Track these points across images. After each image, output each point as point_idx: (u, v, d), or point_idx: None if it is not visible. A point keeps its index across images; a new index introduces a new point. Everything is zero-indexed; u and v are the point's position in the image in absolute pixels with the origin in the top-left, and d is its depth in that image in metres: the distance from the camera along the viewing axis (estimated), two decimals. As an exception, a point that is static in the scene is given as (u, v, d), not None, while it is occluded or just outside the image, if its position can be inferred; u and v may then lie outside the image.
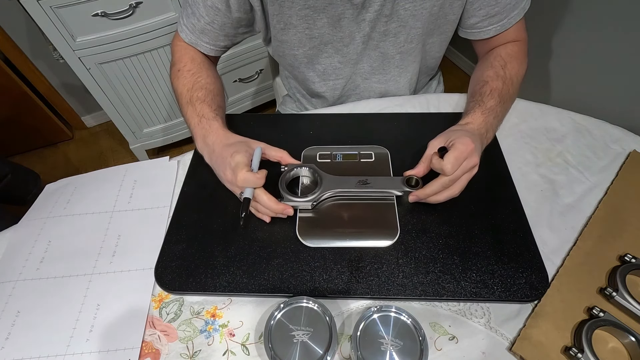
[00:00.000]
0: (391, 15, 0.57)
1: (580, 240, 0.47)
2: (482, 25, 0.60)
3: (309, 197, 0.49)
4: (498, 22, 0.59)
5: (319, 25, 0.58)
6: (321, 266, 0.45)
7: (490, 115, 0.54)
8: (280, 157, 0.52)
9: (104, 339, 0.43)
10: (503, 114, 0.57)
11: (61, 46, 1.12)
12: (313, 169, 0.52)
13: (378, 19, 0.57)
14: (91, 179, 0.61)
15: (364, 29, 0.58)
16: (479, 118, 0.53)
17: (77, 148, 1.79)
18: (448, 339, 0.41)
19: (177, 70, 0.61)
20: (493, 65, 0.59)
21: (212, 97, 0.58)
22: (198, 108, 0.55)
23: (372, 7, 0.55)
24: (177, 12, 1.19)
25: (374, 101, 0.68)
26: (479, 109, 0.54)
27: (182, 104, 0.58)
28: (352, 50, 0.62)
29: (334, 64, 0.65)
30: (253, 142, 0.52)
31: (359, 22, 0.57)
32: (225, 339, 0.42)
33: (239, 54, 1.43)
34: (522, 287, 0.43)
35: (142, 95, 1.36)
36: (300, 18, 0.56)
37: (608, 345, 0.39)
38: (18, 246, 0.53)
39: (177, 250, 0.48)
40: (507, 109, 0.59)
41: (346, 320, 0.43)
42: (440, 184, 0.47)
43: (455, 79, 1.85)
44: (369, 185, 0.49)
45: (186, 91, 0.58)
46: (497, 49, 0.62)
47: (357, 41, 0.61)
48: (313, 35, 0.59)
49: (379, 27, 0.59)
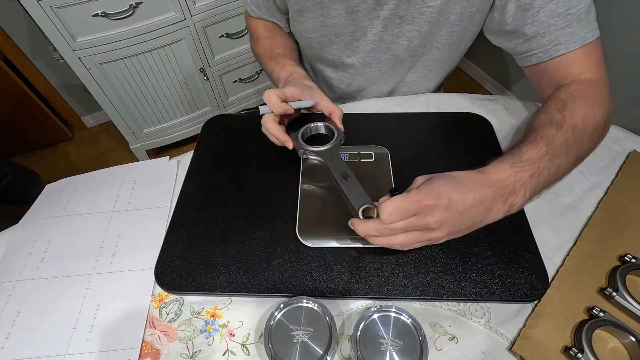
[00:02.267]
0: (405, 17, 0.55)
1: (580, 240, 0.47)
2: (522, 49, 0.52)
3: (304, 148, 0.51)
4: (539, 48, 0.49)
5: (332, 15, 0.58)
6: (321, 266, 0.45)
7: (527, 172, 0.39)
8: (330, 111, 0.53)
9: (104, 339, 0.43)
10: (558, 171, 0.42)
11: (61, 46, 1.12)
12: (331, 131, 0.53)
13: (391, 19, 0.56)
14: (91, 179, 0.61)
15: (377, 26, 0.58)
16: (505, 172, 0.39)
17: (77, 148, 1.79)
18: (448, 339, 0.41)
19: (255, 40, 0.70)
20: (548, 109, 0.47)
21: (291, 51, 0.66)
22: (281, 60, 0.62)
23: (388, 5, 0.55)
24: (177, 12, 1.19)
25: (374, 101, 0.68)
26: (509, 160, 0.40)
27: (265, 61, 0.66)
28: (362, 47, 0.62)
29: (343, 58, 0.65)
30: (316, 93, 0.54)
31: (372, 18, 0.57)
32: (225, 339, 0.42)
33: (239, 54, 1.43)
34: (522, 287, 0.43)
35: (142, 95, 1.37)
36: (316, 4, 0.57)
37: (608, 345, 0.39)
38: (18, 246, 0.53)
39: (177, 250, 0.48)
40: (569, 163, 0.43)
41: (346, 320, 0.43)
42: (374, 228, 0.38)
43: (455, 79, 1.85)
44: (345, 183, 0.46)
45: (267, 51, 0.66)
46: (557, 91, 0.49)
47: (367, 38, 0.60)
48: (326, 23, 0.60)
49: (391, 29, 0.58)
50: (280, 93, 0.49)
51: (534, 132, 0.44)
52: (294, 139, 0.52)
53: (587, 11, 0.47)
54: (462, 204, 0.37)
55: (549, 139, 0.42)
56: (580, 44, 0.48)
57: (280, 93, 0.49)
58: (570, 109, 0.45)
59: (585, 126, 0.44)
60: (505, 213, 0.39)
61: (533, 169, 0.40)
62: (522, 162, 0.40)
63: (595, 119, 0.45)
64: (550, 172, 0.41)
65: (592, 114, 0.45)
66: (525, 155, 0.41)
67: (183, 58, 1.33)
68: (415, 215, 0.37)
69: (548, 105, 0.48)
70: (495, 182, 0.39)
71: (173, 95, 1.43)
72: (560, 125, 0.43)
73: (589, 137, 0.45)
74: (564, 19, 0.47)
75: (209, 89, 1.48)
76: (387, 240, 0.39)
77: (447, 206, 0.36)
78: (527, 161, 0.40)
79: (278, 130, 0.50)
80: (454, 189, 0.37)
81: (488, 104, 0.65)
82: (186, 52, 1.31)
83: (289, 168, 0.55)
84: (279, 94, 0.49)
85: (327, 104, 0.53)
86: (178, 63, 1.34)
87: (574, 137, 0.43)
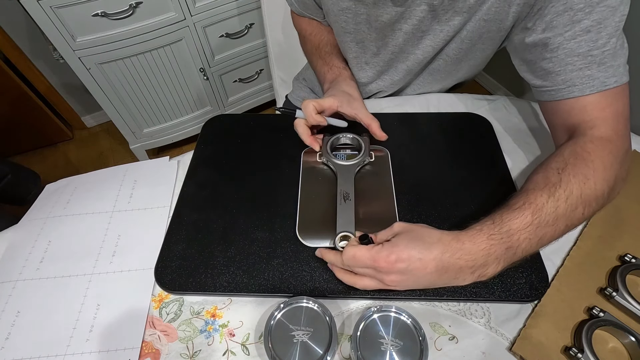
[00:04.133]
0: (427, 32, 0.55)
1: (580, 240, 0.47)
2: (537, 83, 0.48)
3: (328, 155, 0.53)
4: (553, 86, 0.46)
5: (357, 21, 0.58)
6: (321, 266, 0.45)
7: (504, 244, 0.37)
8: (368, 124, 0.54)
9: (104, 339, 0.43)
10: (541, 241, 0.39)
11: (61, 46, 1.12)
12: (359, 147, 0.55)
13: (413, 34, 0.56)
14: (91, 179, 0.61)
15: (398, 38, 0.57)
16: (480, 244, 0.37)
17: (77, 148, 1.79)
18: (448, 339, 0.41)
19: (302, 37, 0.73)
20: (548, 166, 0.43)
21: (337, 51, 0.67)
22: (329, 60, 0.65)
23: (411, 19, 0.54)
24: (177, 12, 1.19)
25: (374, 101, 0.69)
26: (488, 230, 0.38)
27: (313, 59, 0.69)
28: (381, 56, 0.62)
29: (361, 64, 0.65)
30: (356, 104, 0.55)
31: (395, 30, 0.57)
32: (225, 339, 0.42)
33: (239, 54, 1.43)
34: (522, 287, 0.43)
35: (142, 95, 1.36)
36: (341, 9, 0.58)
37: (608, 345, 0.39)
38: (18, 246, 0.53)
39: (177, 250, 0.48)
40: (556, 232, 0.40)
41: (346, 320, 0.43)
42: (335, 258, 0.42)
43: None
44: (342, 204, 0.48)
45: (314, 50, 0.68)
46: (565, 144, 0.45)
47: (388, 49, 0.60)
48: (348, 30, 0.61)
49: (412, 41, 0.57)
50: (317, 105, 0.52)
51: (525, 195, 0.40)
52: (323, 144, 0.55)
53: (612, 54, 0.42)
54: (421, 270, 0.37)
55: (537, 207, 0.39)
56: (598, 89, 0.43)
57: (318, 105, 0.52)
58: (570, 172, 0.41)
59: (582, 194, 0.40)
60: (473, 280, 0.39)
61: (511, 241, 0.38)
62: (501, 234, 0.38)
63: (597, 187, 0.40)
64: (532, 242, 0.38)
65: (594, 181, 0.40)
66: (506, 225, 0.38)
67: (183, 58, 1.33)
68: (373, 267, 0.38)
69: (549, 162, 0.44)
70: (467, 254, 0.37)
71: (173, 95, 1.43)
72: (553, 191, 0.39)
73: (587, 206, 0.40)
74: (584, 59, 0.43)
75: (209, 89, 1.48)
76: (352, 279, 0.41)
77: (403, 270, 0.37)
78: (506, 232, 0.38)
79: (306, 134, 0.54)
80: (418, 253, 0.37)
81: (488, 104, 0.65)
82: (186, 52, 1.31)
83: (289, 168, 0.55)
84: (317, 105, 0.52)
85: (365, 115, 0.54)
86: (178, 63, 1.34)
87: (566, 206, 0.39)
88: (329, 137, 0.56)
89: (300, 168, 0.55)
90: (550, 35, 0.44)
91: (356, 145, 0.56)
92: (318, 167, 0.55)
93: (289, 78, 0.98)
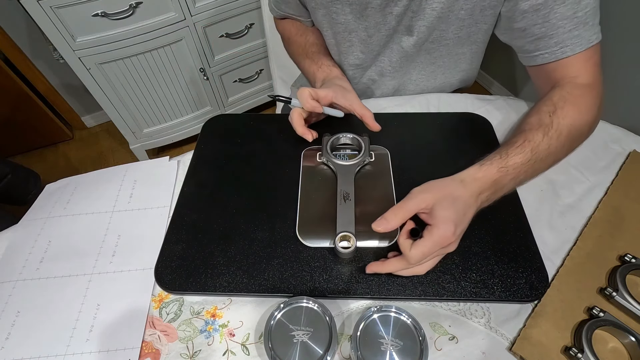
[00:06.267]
0: (418, 12, 0.55)
1: (580, 240, 0.47)
2: (529, 48, 0.52)
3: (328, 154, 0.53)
4: (546, 49, 0.50)
5: (346, 11, 0.59)
6: (321, 266, 0.45)
7: (508, 176, 0.43)
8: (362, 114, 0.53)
9: (104, 339, 0.43)
10: (534, 173, 0.46)
11: (61, 46, 1.12)
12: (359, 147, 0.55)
13: (405, 14, 0.56)
14: (91, 179, 0.61)
15: (390, 22, 0.58)
16: (492, 176, 0.43)
17: (77, 148, 1.79)
18: (448, 339, 0.41)
19: (287, 39, 0.73)
20: (540, 110, 0.49)
21: (325, 50, 0.68)
22: (317, 59, 0.65)
23: (402, 1, 0.55)
24: (177, 12, 1.19)
25: (374, 101, 0.68)
26: (497, 163, 0.44)
27: (300, 60, 0.69)
28: (375, 42, 0.62)
29: (356, 53, 0.65)
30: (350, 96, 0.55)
31: (385, 14, 0.57)
32: (225, 339, 0.42)
33: (239, 53, 1.43)
34: (522, 287, 0.43)
35: (142, 95, 1.37)
36: (329, 1, 0.58)
37: (608, 345, 0.39)
38: (18, 246, 0.53)
39: (177, 250, 0.48)
40: (546, 167, 0.47)
41: (346, 320, 0.43)
42: (401, 265, 0.41)
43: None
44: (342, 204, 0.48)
45: (301, 50, 0.68)
46: (552, 91, 0.51)
47: (381, 34, 0.60)
48: (339, 20, 0.61)
49: (405, 21, 0.58)
50: (313, 92, 0.52)
51: (523, 134, 0.46)
52: (323, 144, 0.55)
53: (593, 14, 0.48)
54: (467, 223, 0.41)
55: (535, 145, 0.45)
56: (585, 46, 0.49)
57: (314, 92, 0.52)
58: (559, 114, 0.47)
59: (569, 133, 0.47)
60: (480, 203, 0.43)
61: (514, 173, 0.43)
62: (507, 168, 0.43)
63: (581, 126, 0.48)
64: (527, 175, 0.45)
65: (579, 120, 0.48)
66: (511, 160, 0.44)
67: (183, 58, 1.33)
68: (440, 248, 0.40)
69: (540, 106, 0.50)
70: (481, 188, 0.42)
71: (173, 95, 1.43)
72: (547, 131, 0.46)
73: (571, 143, 0.48)
74: (571, 21, 0.47)
75: (209, 89, 1.48)
76: (414, 270, 0.42)
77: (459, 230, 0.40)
78: (511, 167, 0.43)
79: (299, 123, 0.54)
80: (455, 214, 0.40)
81: (488, 104, 0.65)
82: (186, 52, 1.31)
83: (289, 168, 0.55)
84: (312, 92, 0.52)
85: (359, 106, 0.54)
86: (178, 63, 1.34)
87: (557, 143, 0.46)
88: (329, 137, 0.56)
89: (300, 168, 0.55)
90: (542, 2, 0.48)
91: (356, 145, 0.56)
92: (318, 167, 0.55)
93: (289, 78, 0.98)
